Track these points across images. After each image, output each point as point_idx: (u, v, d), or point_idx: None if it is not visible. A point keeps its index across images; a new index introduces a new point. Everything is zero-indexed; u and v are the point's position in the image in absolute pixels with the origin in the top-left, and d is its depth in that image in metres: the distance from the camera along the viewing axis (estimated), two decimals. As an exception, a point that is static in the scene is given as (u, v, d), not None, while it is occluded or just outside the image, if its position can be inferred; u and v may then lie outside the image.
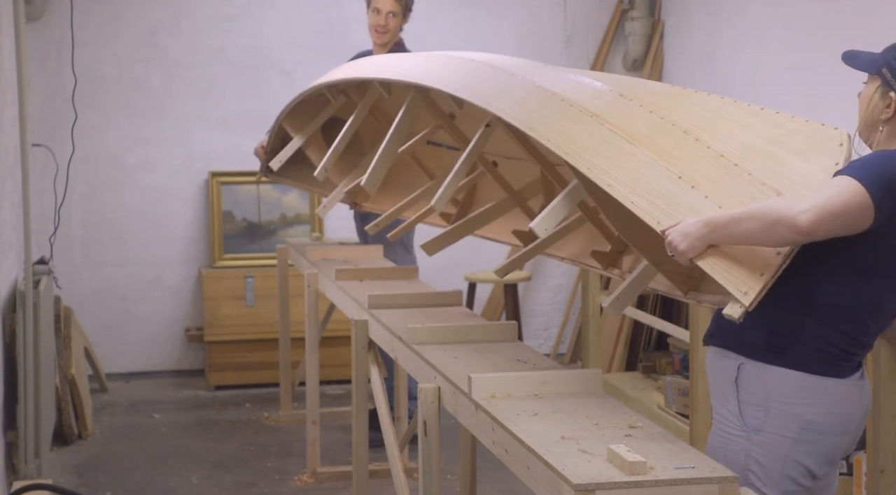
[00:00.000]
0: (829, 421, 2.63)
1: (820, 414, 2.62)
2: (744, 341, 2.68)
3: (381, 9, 5.59)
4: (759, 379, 2.65)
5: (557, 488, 2.33)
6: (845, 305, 2.61)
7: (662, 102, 2.99)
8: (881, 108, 2.64)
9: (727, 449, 2.70)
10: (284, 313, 6.09)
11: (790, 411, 2.62)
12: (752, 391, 2.66)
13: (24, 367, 4.90)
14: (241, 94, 7.10)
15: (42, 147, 6.50)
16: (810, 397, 2.62)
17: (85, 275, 6.97)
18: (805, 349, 2.62)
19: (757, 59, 6.03)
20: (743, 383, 2.67)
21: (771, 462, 2.64)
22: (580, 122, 3.00)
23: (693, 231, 2.54)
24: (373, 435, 4.67)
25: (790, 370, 2.62)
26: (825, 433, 2.64)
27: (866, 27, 5.14)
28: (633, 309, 6.09)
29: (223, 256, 7.04)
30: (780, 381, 2.62)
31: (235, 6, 7.12)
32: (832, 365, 2.63)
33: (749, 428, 2.66)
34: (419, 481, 3.29)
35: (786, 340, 2.63)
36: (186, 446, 5.78)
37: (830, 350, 2.62)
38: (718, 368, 2.76)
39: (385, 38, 5.63)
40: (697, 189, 2.69)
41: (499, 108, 3.26)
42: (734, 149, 2.76)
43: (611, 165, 2.81)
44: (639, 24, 7.30)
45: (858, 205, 2.48)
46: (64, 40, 6.66)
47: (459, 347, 3.49)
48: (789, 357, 2.62)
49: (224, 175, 7.08)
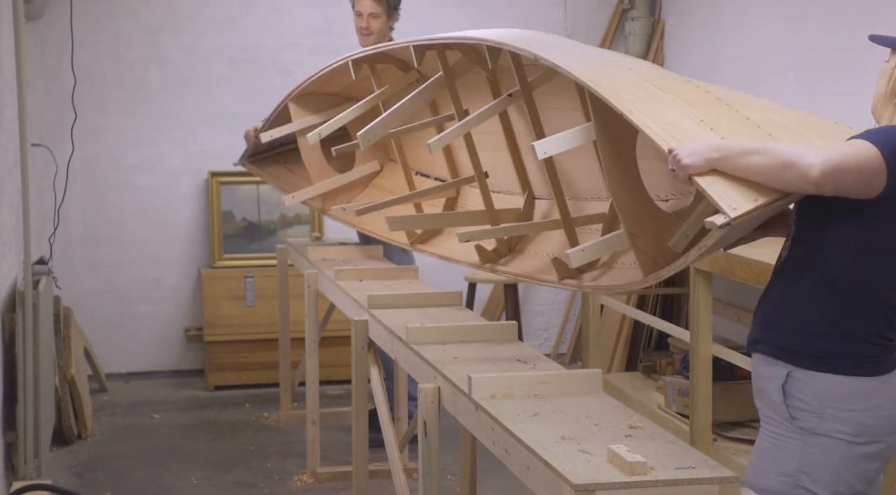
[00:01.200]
0: (881, 423, 2.63)
1: (872, 416, 2.62)
2: (790, 349, 2.67)
3: (363, 11, 5.58)
4: (811, 387, 2.64)
5: (557, 488, 2.33)
6: (879, 291, 2.61)
7: (701, 83, 3.08)
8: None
9: (778, 450, 2.69)
10: (284, 313, 6.09)
11: (844, 416, 2.61)
12: (804, 398, 2.64)
13: (23, 367, 4.89)
14: (241, 94, 7.10)
15: (42, 147, 6.49)
16: (862, 401, 2.61)
17: (85, 275, 6.96)
18: (851, 351, 2.61)
19: (757, 58, 6.02)
20: (793, 391, 2.66)
21: (826, 463, 2.63)
22: (617, 70, 3.10)
23: (701, 150, 2.55)
24: (373, 435, 4.66)
25: (840, 376, 2.61)
26: (879, 434, 2.63)
27: (866, 27, 5.13)
28: (634, 309, 6.10)
29: (223, 256, 7.04)
30: (831, 388, 2.62)
31: (235, 6, 7.11)
32: (878, 362, 2.63)
33: (804, 430, 2.65)
34: (419, 481, 3.29)
35: (831, 344, 2.62)
36: (186, 446, 5.78)
37: (874, 345, 2.62)
38: (766, 375, 2.73)
39: (370, 40, 5.61)
40: (716, 131, 2.71)
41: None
42: (762, 118, 2.82)
43: (636, 100, 2.85)
44: (639, 24, 7.30)
45: (872, 167, 2.49)
46: (64, 40, 6.66)
47: (459, 347, 3.49)
48: (838, 362, 2.62)
49: (224, 175, 7.07)
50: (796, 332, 2.65)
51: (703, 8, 6.79)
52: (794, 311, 2.66)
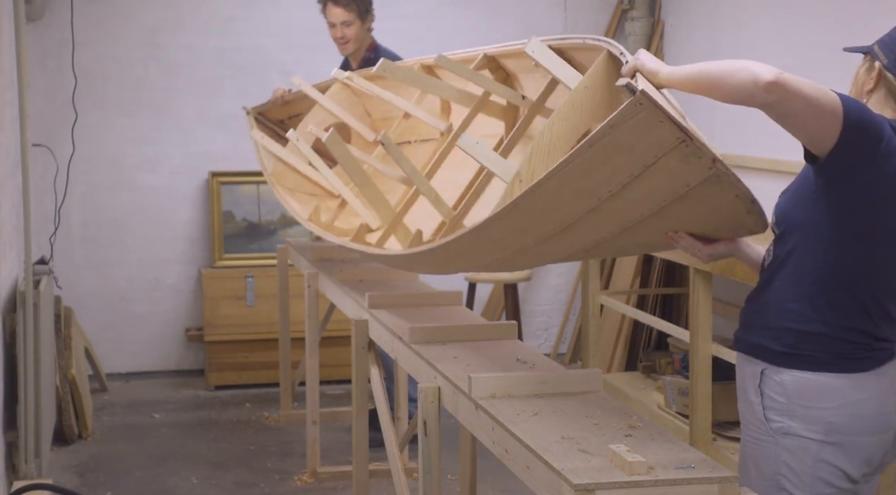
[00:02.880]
0: (854, 422, 2.57)
1: (842, 415, 2.56)
2: (762, 345, 2.64)
3: (335, 21, 5.60)
4: (780, 384, 2.60)
5: (557, 488, 2.33)
6: (852, 282, 2.56)
7: None
8: (865, 79, 2.66)
9: (758, 454, 2.66)
10: (284, 313, 6.09)
11: (812, 415, 2.57)
12: (775, 396, 2.61)
13: (24, 367, 4.90)
14: (241, 94, 7.08)
15: (42, 147, 6.50)
16: (830, 399, 2.56)
17: (85, 275, 6.97)
18: (820, 347, 2.57)
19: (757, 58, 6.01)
20: (766, 389, 2.63)
21: (801, 465, 2.58)
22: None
23: (651, 62, 2.54)
24: (373, 435, 4.67)
25: (807, 372, 2.57)
26: (852, 433, 2.57)
27: (866, 27, 5.14)
28: (633, 309, 6.10)
29: (223, 256, 7.04)
30: (798, 385, 2.58)
31: (235, 6, 7.12)
32: (851, 360, 2.58)
33: (776, 432, 2.61)
34: (419, 481, 3.29)
35: (800, 339, 2.58)
36: (186, 446, 5.78)
37: (847, 342, 2.57)
38: (745, 374, 2.70)
39: (348, 48, 5.63)
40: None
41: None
42: None
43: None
44: (639, 24, 7.30)
45: (827, 108, 2.41)
46: (64, 40, 6.67)
47: (459, 347, 3.49)
48: (806, 358, 2.58)
49: (224, 175, 7.08)
50: (769, 328, 2.62)
51: (702, 8, 6.79)
52: (768, 307, 2.63)
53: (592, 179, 2.50)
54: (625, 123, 2.32)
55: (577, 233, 2.76)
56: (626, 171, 2.43)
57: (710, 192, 2.43)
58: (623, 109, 2.30)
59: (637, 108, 2.28)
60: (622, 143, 2.36)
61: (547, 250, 2.96)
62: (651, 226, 2.66)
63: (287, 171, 5.33)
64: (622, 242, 2.81)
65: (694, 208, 2.52)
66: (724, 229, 2.65)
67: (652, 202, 2.52)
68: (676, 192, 2.46)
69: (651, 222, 2.62)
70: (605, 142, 2.37)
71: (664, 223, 2.63)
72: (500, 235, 2.93)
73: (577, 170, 2.48)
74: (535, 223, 2.77)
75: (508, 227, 2.84)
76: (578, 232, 2.74)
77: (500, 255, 3.11)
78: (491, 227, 2.87)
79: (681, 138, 2.30)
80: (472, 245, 3.09)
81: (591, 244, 2.84)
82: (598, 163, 2.44)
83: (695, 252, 2.70)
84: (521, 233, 2.87)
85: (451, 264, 3.60)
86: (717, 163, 2.34)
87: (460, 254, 3.26)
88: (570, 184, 2.53)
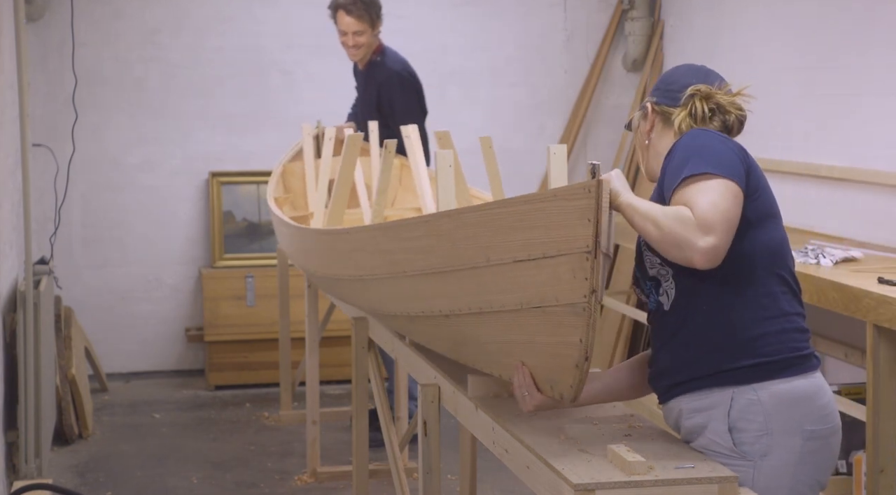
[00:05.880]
0: (823, 425, 2.55)
1: (814, 420, 2.54)
2: (722, 368, 2.54)
3: (346, 30, 5.62)
4: (756, 401, 2.52)
5: (557, 488, 2.33)
6: (773, 257, 2.57)
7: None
8: (643, 125, 2.75)
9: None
10: (284, 313, 6.09)
11: (790, 426, 2.51)
12: (751, 418, 2.52)
13: (24, 367, 4.90)
14: (241, 94, 7.10)
15: (42, 147, 6.51)
16: (801, 404, 2.53)
17: (85, 275, 6.97)
18: (780, 345, 2.54)
19: (757, 58, 6.03)
20: (738, 412, 2.52)
21: (779, 483, 2.52)
22: None
23: (620, 183, 2.50)
24: (373, 435, 4.67)
25: (778, 380, 2.52)
26: (824, 437, 2.55)
27: (866, 27, 5.15)
28: (633, 309, 6.10)
29: (223, 256, 7.04)
30: (772, 397, 2.51)
31: (235, 6, 7.12)
32: (808, 357, 2.57)
33: (754, 455, 2.51)
34: (419, 481, 3.29)
35: (764, 345, 2.53)
36: (186, 446, 5.78)
37: (800, 331, 2.57)
38: (704, 409, 2.55)
39: (359, 54, 5.67)
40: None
41: None
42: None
43: None
44: (639, 25, 7.30)
45: (738, 198, 2.46)
46: (64, 40, 6.67)
47: (459, 347, 3.49)
48: (772, 366, 2.53)
49: (224, 175, 7.08)
50: (720, 351, 2.54)
51: (702, 8, 6.80)
52: (710, 332, 2.55)
53: (499, 236, 2.51)
54: (565, 199, 2.33)
55: (451, 284, 2.75)
56: (526, 248, 2.43)
57: (565, 322, 2.39)
58: (575, 185, 2.31)
59: (583, 192, 2.29)
60: (547, 219, 2.37)
61: (420, 300, 3.00)
62: (498, 327, 2.64)
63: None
64: (470, 334, 2.80)
65: (540, 329, 2.48)
66: (546, 373, 2.55)
67: (520, 295, 2.49)
68: (543, 301, 2.43)
69: (501, 320, 2.60)
70: (539, 207, 2.39)
71: (509, 329, 2.59)
72: (399, 246, 2.98)
73: (498, 218, 2.51)
74: (432, 248, 2.78)
75: (410, 240, 2.88)
76: (453, 283, 2.74)
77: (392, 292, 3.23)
78: (397, 231, 2.94)
79: (589, 249, 2.30)
80: (370, 241, 3.25)
81: (448, 310, 2.83)
82: (515, 221, 2.45)
83: (522, 394, 2.60)
84: (416, 255, 2.89)
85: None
86: (593, 296, 2.32)
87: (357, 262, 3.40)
88: (484, 225, 2.55)
